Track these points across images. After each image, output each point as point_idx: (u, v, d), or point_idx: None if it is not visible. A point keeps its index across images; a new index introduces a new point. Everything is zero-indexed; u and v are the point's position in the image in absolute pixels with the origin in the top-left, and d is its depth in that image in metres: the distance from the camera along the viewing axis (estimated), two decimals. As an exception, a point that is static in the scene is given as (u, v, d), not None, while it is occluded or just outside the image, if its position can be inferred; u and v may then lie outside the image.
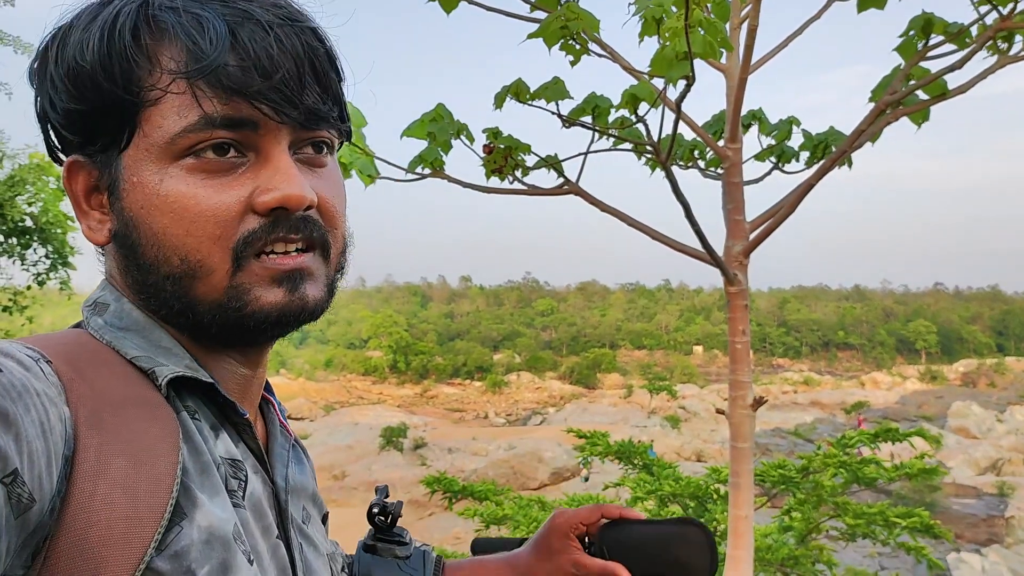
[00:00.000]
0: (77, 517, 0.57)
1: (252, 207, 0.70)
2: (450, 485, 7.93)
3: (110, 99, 0.68)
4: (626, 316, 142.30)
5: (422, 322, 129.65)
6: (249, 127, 0.69)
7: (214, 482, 0.67)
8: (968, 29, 2.96)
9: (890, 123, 3.25)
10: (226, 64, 0.67)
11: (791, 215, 3.33)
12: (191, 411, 0.70)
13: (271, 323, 0.71)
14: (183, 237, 0.68)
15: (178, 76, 0.67)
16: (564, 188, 3.53)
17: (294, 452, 0.88)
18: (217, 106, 0.67)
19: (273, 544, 0.75)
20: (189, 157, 0.68)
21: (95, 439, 0.60)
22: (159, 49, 0.68)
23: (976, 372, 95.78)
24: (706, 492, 7.12)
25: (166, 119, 0.67)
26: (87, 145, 0.72)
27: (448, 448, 43.33)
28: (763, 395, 3.45)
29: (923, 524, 6.82)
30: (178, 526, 0.61)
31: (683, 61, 2.27)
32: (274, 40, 0.69)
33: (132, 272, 0.73)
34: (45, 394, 0.58)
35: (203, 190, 0.68)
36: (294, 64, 0.69)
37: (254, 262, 0.70)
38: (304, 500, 0.87)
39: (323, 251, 0.75)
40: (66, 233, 11.07)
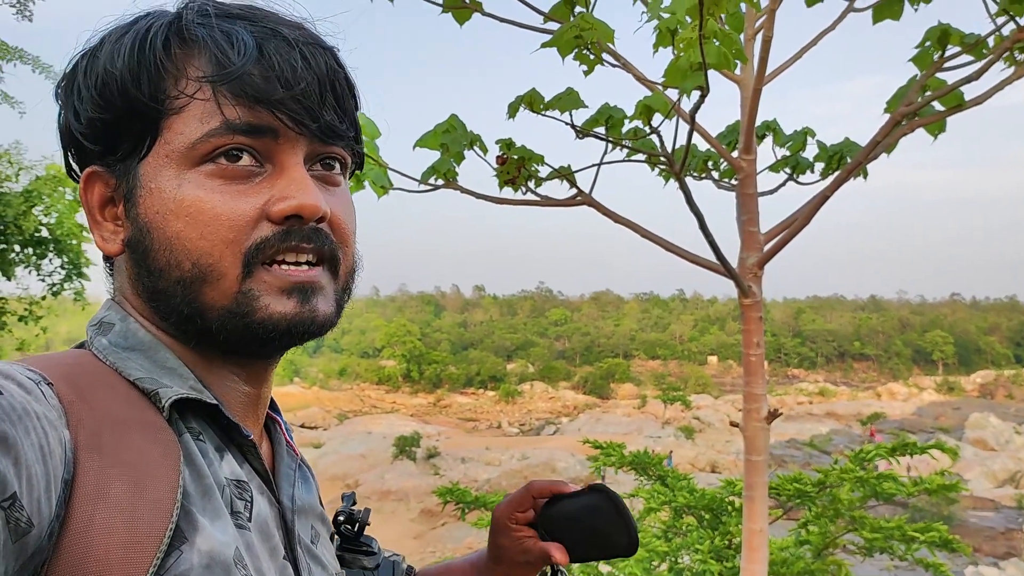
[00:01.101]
0: (76, 542, 0.56)
1: (267, 215, 0.71)
2: (463, 496, 7.90)
3: (136, 107, 0.70)
4: (640, 326, 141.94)
5: (435, 331, 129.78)
6: (268, 135, 0.70)
7: (216, 505, 0.67)
8: (985, 40, 2.93)
9: (906, 134, 3.23)
10: (251, 73, 0.69)
11: (806, 226, 3.30)
12: (195, 432, 0.70)
13: (280, 333, 0.71)
14: (196, 240, 0.69)
15: (204, 82, 0.69)
16: (577, 199, 3.52)
17: (301, 472, 0.88)
18: (239, 113, 0.69)
19: (280, 565, 0.74)
20: (208, 163, 0.70)
21: (95, 462, 0.60)
22: (188, 60, 0.71)
23: (994, 383, 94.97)
24: (721, 504, 7.06)
25: (188, 126, 0.69)
26: (107, 155, 0.73)
27: (461, 458, 43.30)
28: (778, 407, 3.42)
29: (941, 539, 6.73)
30: (178, 550, 0.61)
31: (697, 72, 2.25)
32: (299, 56, 0.71)
33: (143, 279, 0.73)
34: (45, 417, 0.58)
35: (220, 196, 0.69)
36: (316, 80, 0.72)
37: (264, 270, 0.71)
38: (312, 519, 0.86)
39: (332, 267, 0.76)
40: (81, 244, 11.16)
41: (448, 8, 3.18)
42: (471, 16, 3.22)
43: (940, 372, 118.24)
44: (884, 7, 3.20)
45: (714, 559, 6.42)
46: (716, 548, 6.64)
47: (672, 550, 6.99)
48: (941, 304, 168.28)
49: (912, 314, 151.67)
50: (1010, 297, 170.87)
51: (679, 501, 7.12)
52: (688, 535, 7.25)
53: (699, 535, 7.00)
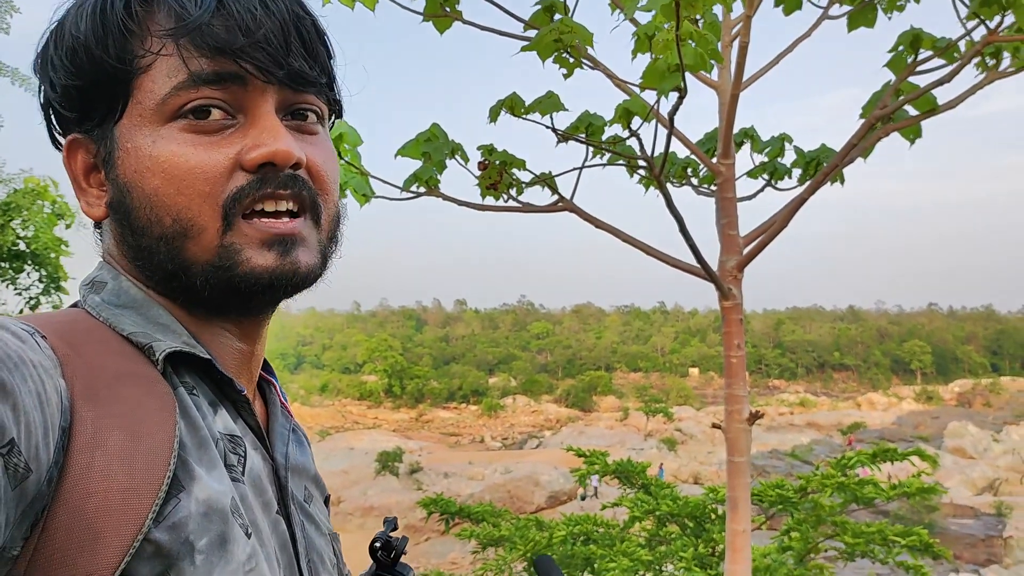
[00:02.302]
0: (75, 488, 0.57)
1: (241, 164, 0.71)
2: (447, 507, 7.89)
3: (104, 69, 0.70)
4: (621, 338, 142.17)
5: (417, 346, 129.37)
6: (236, 83, 0.70)
7: (212, 456, 0.67)
8: (956, 44, 2.99)
9: (881, 138, 3.28)
10: (211, 24, 0.69)
11: (784, 230, 3.34)
12: (189, 387, 0.70)
13: (263, 286, 0.72)
14: (174, 196, 0.69)
15: (165, 37, 0.69)
16: (559, 205, 3.54)
17: (295, 435, 0.88)
18: (203, 64, 0.69)
19: (273, 519, 0.75)
20: (179, 119, 0.70)
21: (91, 411, 0.60)
22: (149, 18, 0.71)
23: (971, 392, 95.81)
24: (704, 512, 7.08)
25: (156, 83, 0.70)
26: (85, 121, 0.74)
27: (444, 472, 43.09)
28: (759, 411, 3.45)
29: (922, 542, 6.79)
30: (176, 498, 0.61)
31: (675, 73, 2.29)
32: (258, 2, 0.71)
33: (127, 239, 0.74)
34: (41, 365, 0.59)
35: (193, 149, 0.69)
36: (279, 26, 0.72)
37: (244, 223, 0.71)
38: (306, 480, 0.87)
39: (314, 214, 0.76)
40: (59, 257, 11.03)
41: (429, 17, 3.21)
42: (451, 24, 3.25)
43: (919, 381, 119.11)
44: (858, 15, 3.26)
45: (698, 566, 6.43)
46: (700, 555, 6.66)
47: (656, 559, 7.00)
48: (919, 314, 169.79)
49: (890, 324, 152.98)
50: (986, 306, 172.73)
51: (663, 509, 7.14)
52: (672, 543, 7.26)
53: (683, 543, 7.01)
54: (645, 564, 6.80)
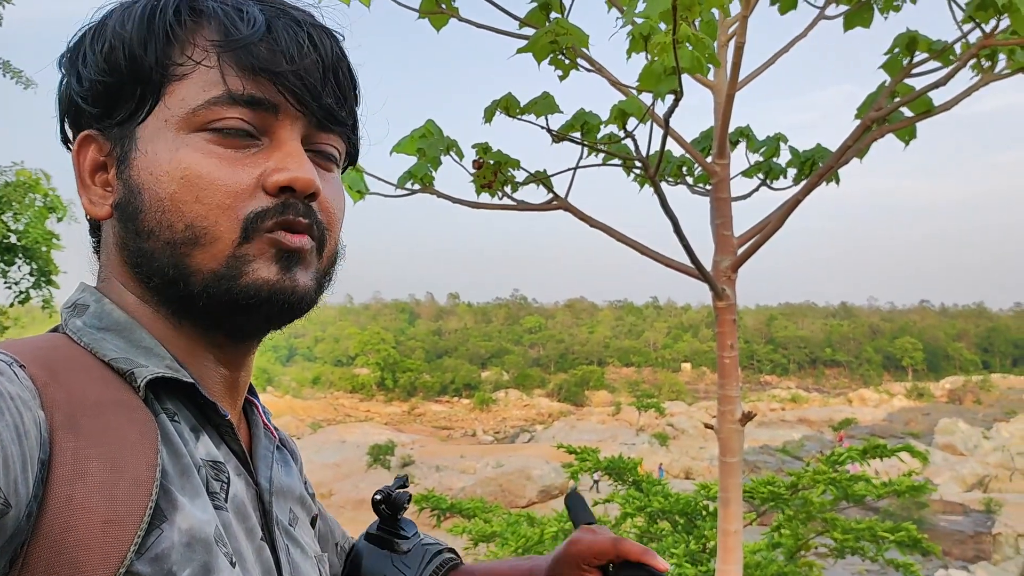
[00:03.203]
0: (55, 522, 0.56)
1: (263, 186, 0.71)
2: (439, 503, 7.88)
3: (140, 70, 0.71)
4: (614, 333, 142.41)
5: (410, 339, 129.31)
6: (269, 110, 0.71)
7: (195, 484, 0.66)
8: (952, 47, 3.00)
9: (876, 139, 3.28)
10: (257, 45, 0.70)
11: (779, 230, 3.35)
12: (170, 413, 0.70)
13: (261, 300, 0.71)
14: (192, 203, 0.69)
15: (211, 49, 0.70)
16: (553, 204, 3.54)
17: (280, 454, 0.88)
18: (242, 83, 0.70)
19: (258, 546, 0.74)
20: (206, 132, 0.70)
21: (71, 443, 0.59)
22: (197, 29, 0.72)
23: (962, 389, 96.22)
24: (695, 509, 7.10)
25: (190, 92, 0.70)
26: (104, 118, 0.74)
27: (436, 466, 43.12)
28: (751, 410, 3.45)
29: (911, 538, 6.82)
30: (158, 529, 0.60)
31: (671, 75, 2.28)
32: (306, 35, 0.73)
33: (129, 242, 0.73)
34: (19, 397, 0.58)
35: (217, 161, 0.70)
36: (320, 61, 0.73)
37: (265, 237, 0.71)
38: (291, 502, 0.86)
39: (320, 246, 0.76)
40: (50, 251, 10.95)
41: (424, 14, 3.20)
42: (447, 21, 3.24)
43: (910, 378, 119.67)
44: (854, 15, 3.25)
45: (689, 563, 6.45)
46: (691, 552, 6.68)
47: (647, 555, 7.02)
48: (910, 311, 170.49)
49: (882, 321, 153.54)
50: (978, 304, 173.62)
51: (654, 506, 7.16)
52: (663, 539, 7.28)
53: (674, 539, 7.03)
54: (636, 560, 6.81)
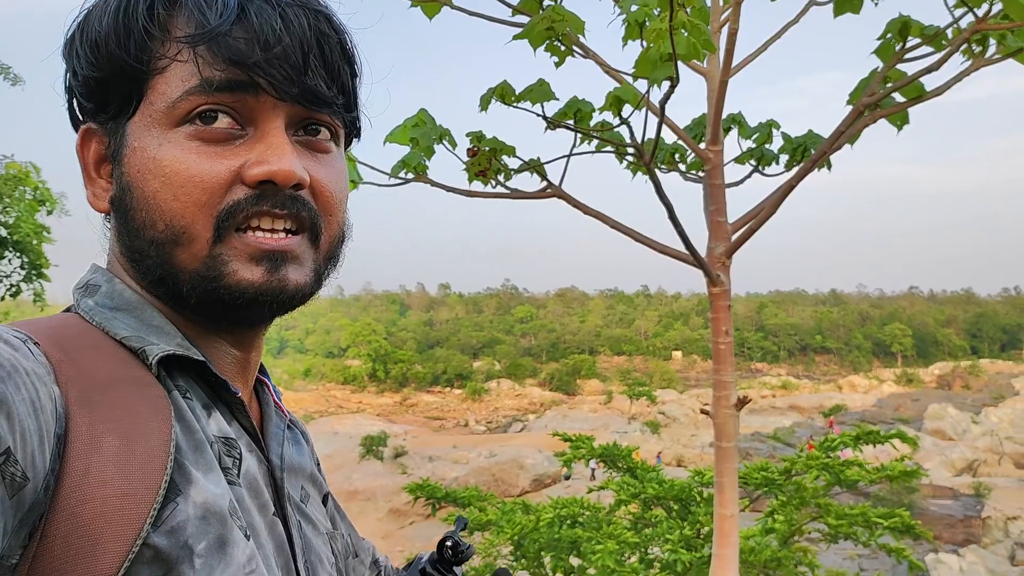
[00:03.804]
0: (71, 495, 0.57)
1: (241, 178, 0.70)
2: (433, 492, 7.90)
3: (122, 66, 0.71)
4: (605, 322, 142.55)
5: (401, 330, 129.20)
6: (248, 92, 0.70)
7: (208, 459, 0.67)
8: (944, 32, 3.01)
9: (868, 124, 3.30)
10: (229, 34, 0.69)
11: (772, 216, 3.36)
12: (182, 390, 0.70)
13: (247, 300, 0.71)
14: (170, 202, 0.69)
15: (183, 43, 0.69)
16: (547, 191, 3.54)
17: (291, 433, 0.89)
18: (217, 71, 0.69)
19: (270, 521, 0.75)
20: (188, 124, 0.70)
21: (86, 417, 0.60)
22: (171, 22, 0.71)
23: (951, 374, 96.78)
24: (690, 495, 7.14)
25: (170, 86, 0.70)
26: (99, 112, 0.74)
27: (429, 456, 43.15)
28: (746, 396, 3.47)
29: (904, 524, 6.88)
30: (173, 502, 0.61)
31: (667, 62, 2.29)
32: (279, 16, 0.70)
33: (124, 238, 0.74)
34: (35, 373, 0.58)
35: (196, 156, 0.69)
36: (299, 42, 0.71)
37: (235, 236, 0.70)
38: (303, 480, 0.87)
39: (313, 235, 0.75)
40: (41, 244, 10.89)
41: (417, 2, 3.19)
42: (440, 10, 3.24)
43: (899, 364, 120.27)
44: (844, 1, 3.26)
45: (684, 548, 6.49)
46: (686, 538, 6.72)
47: (642, 541, 7.06)
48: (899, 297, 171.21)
49: (871, 307, 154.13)
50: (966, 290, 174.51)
51: (648, 493, 7.19)
52: (658, 526, 7.32)
53: (669, 525, 7.07)
54: (631, 547, 6.85)
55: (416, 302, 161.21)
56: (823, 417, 62.41)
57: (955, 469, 42.74)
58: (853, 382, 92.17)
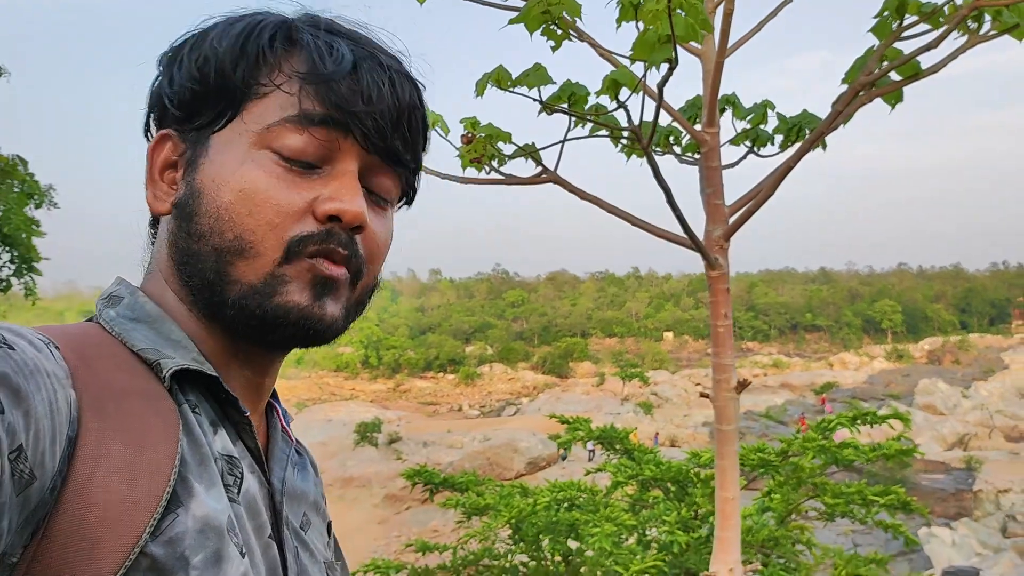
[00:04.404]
0: (75, 497, 0.58)
1: (312, 211, 0.75)
2: (431, 477, 7.91)
3: (226, 84, 0.75)
4: (596, 304, 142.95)
5: (392, 316, 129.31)
6: (337, 133, 0.75)
7: (211, 474, 0.69)
8: (942, 8, 2.98)
9: (864, 104, 3.28)
10: (339, 82, 0.75)
11: (771, 197, 3.34)
12: (192, 404, 0.72)
13: (288, 323, 0.74)
14: (244, 216, 0.73)
15: (294, 77, 0.75)
16: (543, 177, 3.51)
17: (299, 459, 0.92)
18: (317, 109, 0.74)
19: (265, 543, 0.76)
20: (273, 152, 0.74)
21: (97, 424, 0.62)
22: (287, 57, 0.77)
23: (941, 350, 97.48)
24: (687, 476, 7.16)
25: (267, 110, 0.75)
26: (185, 121, 0.78)
27: (423, 442, 43.26)
28: (746, 378, 3.47)
29: (900, 501, 6.92)
30: (173, 513, 0.63)
31: (665, 44, 2.26)
32: (387, 80, 0.77)
33: (179, 240, 0.77)
34: (54, 375, 0.60)
35: (276, 181, 0.74)
36: (396, 107, 0.78)
37: (305, 261, 0.74)
38: (305, 506, 0.89)
39: (354, 278, 0.79)
40: (31, 238, 10.79)
41: (408, -14, 3.14)
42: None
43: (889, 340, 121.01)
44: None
45: (681, 530, 6.51)
46: (683, 519, 6.75)
47: (640, 523, 7.08)
48: (889, 274, 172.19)
49: (861, 285, 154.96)
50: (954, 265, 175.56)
51: (645, 474, 7.21)
52: (655, 507, 7.35)
53: (666, 507, 7.10)
54: (629, 528, 6.87)
55: (407, 288, 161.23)
56: (815, 395, 62.82)
57: (946, 443, 43.14)
58: (844, 359, 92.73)
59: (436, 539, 9.80)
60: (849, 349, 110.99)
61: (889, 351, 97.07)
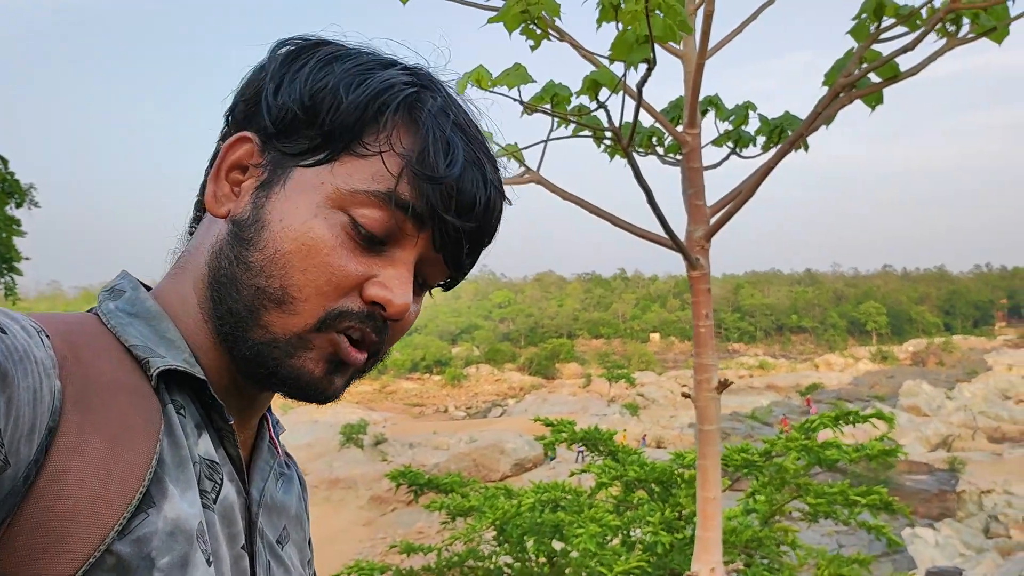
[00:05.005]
0: (47, 489, 0.58)
1: (361, 289, 0.74)
2: (416, 478, 7.89)
3: (334, 130, 0.73)
4: (583, 306, 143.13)
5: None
6: (415, 225, 0.74)
7: (188, 477, 0.68)
8: (919, 11, 3.00)
9: (844, 105, 3.30)
10: (445, 183, 0.73)
11: (751, 198, 3.36)
12: (178, 406, 0.71)
13: (295, 386, 0.74)
14: (298, 272, 0.71)
15: (402, 155, 0.72)
16: (525, 177, 3.52)
17: (286, 471, 0.91)
18: (410, 199, 0.72)
19: (237, 554, 0.75)
20: (348, 216, 0.72)
21: (78, 417, 0.61)
22: (402, 130, 0.73)
23: (925, 351, 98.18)
24: (671, 477, 7.17)
25: (360, 173, 0.72)
26: (274, 139, 0.75)
27: (409, 443, 43.21)
28: (727, 378, 3.48)
29: (882, 501, 6.95)
30: (144, 513, 0.62)
31: (644, 44, 2.27)
32: (485, 198, 0.76)
33: (224, 257, 0.74)
34: (42, 363, 0.60)
35: (340, 249, 0.72)
36: (481, 224, 0.77)
37: (332, 334, 0.73)
38: (285, 519, 0.88)
39: (371, 356, 0.78)
40: (11, 237, 10.70)
41: (390, -15, 3.14)
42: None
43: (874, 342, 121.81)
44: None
45: (665, 530, 6.53)
46: (667, 520, 6.76)
47: (624, 523, 7.09)
48: (874, 276, 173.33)
49: (846, 286, 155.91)
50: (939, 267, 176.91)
51: (630, 475, 7.22)
52: (639, 508, 7.36)
53: (650, 507, 7.11)
54: (613, 529, 6.88)
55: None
56: (800, 396, 63.10)
57: (930, 444, 43.42)
58: (829, 360, 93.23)
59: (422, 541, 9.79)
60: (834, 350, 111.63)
61: (874, 353, 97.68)
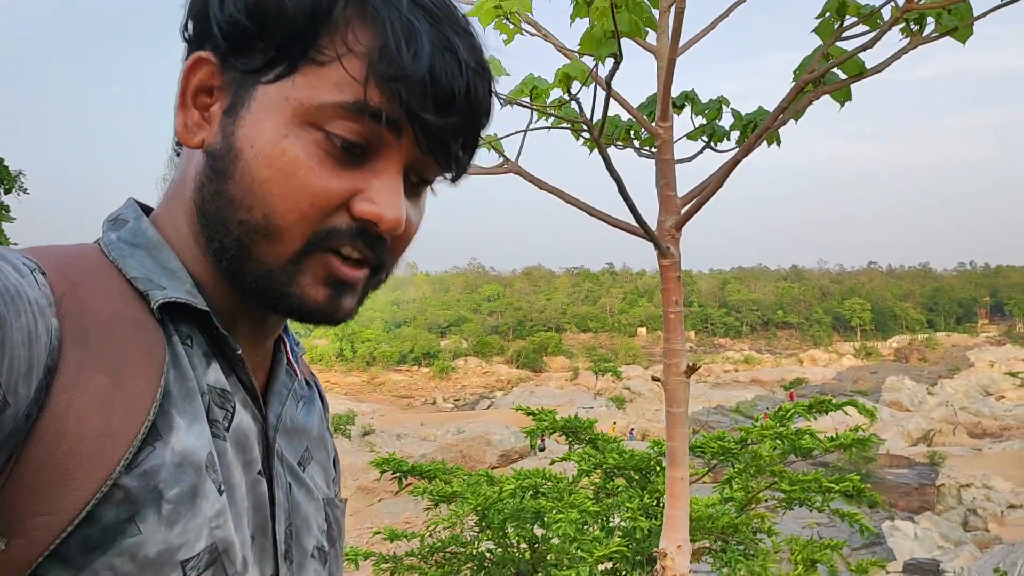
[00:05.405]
0: (49, 427, 0.57)
1: (348, 206, 0.69)
2: (399, 465, 7.97)
3: (283, 36, 0.66)
4: (571, 300, 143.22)
5: (368, 309, 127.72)
6: (392, 130, 0.68)
7: (195, 409, 0.67)
8: (880, 11, 3.12)
9: (812, 101, 3.41)
10: (415, 79, 0.66)
11: (730, 192, 3.47)
12: (183, 336, 0.70)
13: (302, 314, 0.72)
14: (277, 197, 0.67)
15: (362, 58, 0.66)
16: (504, 167, 3.63)
17: (307, 392, 0.91)
18: (382, 105, 0.66)
19: (253, 479, 0.74)
20: (320, 131, 0.67)
21: (78, 353, 0.60)
22: (355, 25, 0.67)
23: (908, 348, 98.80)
24: (649, 464, 7.29)
25: (323, 84, 0.66)
26: (230, 56, 0.69)
27: (397, 434, 43.30)
28: (696, 362, 3.60)
29: (855, 488, 7.09)
30: (151, 446, 0.61)
31: (610, 39, 2.38)
32: (464, 85, 0.68)
33: (205, 191, 0.71)
34: (36, 303, 0.59)
35: (317, 167, 0.67)
36: (466, 115, 0.70)
37: (319, 254, 0.69)
38: (307, 441, 0.87)
39: (376, 270, 0.75)
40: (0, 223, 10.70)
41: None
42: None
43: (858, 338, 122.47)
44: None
45: (643, 516, 6.65)
46: (645, 506, 6.88)
47: (604, 510, 7.20)
48: (859, 272, 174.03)
49: (832, 283, 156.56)
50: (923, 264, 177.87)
51: (609, 463, 7.33)
52: (619, 495, 7.48)
53: (629, 494, 7.22)
54: (593, 516, 6.99)
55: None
56: (784, 390, 63.48)
57: (911, 439, 43.82)
58: (814, 356, 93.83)
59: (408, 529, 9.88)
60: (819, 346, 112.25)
61: (858, 348, 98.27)
